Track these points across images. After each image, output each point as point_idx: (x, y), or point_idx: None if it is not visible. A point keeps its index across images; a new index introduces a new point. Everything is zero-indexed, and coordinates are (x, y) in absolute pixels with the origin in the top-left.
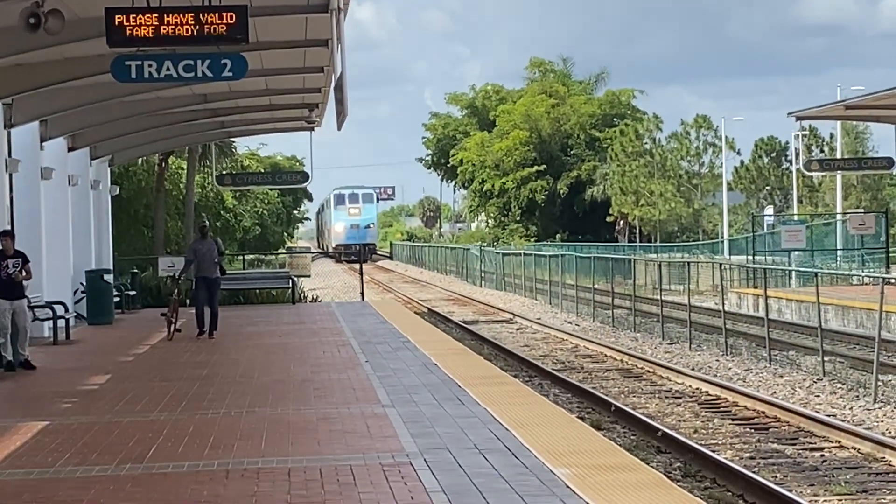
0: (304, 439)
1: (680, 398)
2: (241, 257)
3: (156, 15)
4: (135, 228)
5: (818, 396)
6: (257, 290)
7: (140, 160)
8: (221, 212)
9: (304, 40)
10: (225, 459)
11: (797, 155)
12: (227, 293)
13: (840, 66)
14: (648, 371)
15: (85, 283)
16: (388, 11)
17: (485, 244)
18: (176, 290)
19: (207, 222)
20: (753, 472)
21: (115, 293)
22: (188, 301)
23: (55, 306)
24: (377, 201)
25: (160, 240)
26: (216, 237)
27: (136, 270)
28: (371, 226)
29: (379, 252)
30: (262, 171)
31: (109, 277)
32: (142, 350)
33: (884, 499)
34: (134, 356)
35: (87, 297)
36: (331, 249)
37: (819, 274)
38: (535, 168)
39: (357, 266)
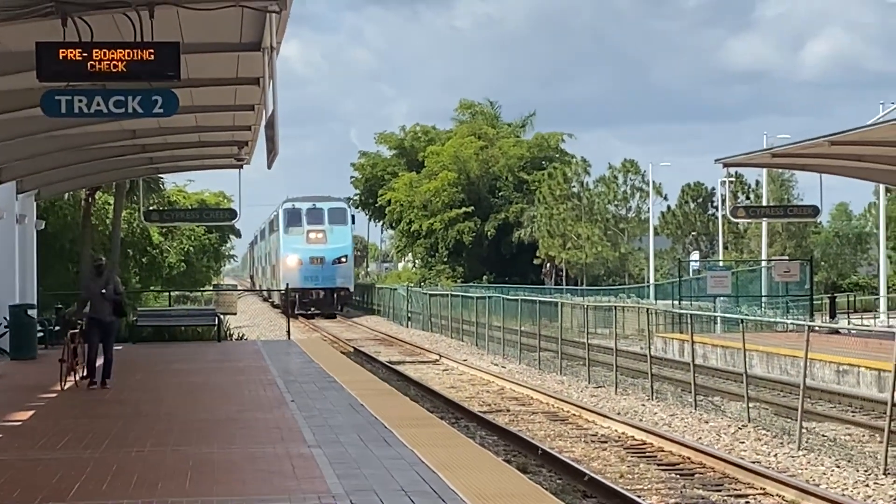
0: (229, 479)
1: (606, 442)
2: (166, 294)
3: (87, 50)
4: (60, 263)
5: (743, 443)
6: (182, 327)
7: (67, 195)
8: (148, 248)
9: (235, 78)
10: (149, 498)
11: (723, 201)
12: (151, 329)
13: (763, 114)
14: (574, 415)
15: (8, 318)
16: (314, 49)
17: (412, 284)
18: (69, 333)
19: (103, 258)
20: None
21: (39, 328)
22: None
23: None
24: (352, 221)
25: (86, 275)
26: (113, 273)
27: (60, 306)
28: (344, 259)
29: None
30: (190, 207)
31: (33, 312)
32: (66, 386)
33: None
34: (57, 392)
35: (11, 332)
36: (277, 296)
37: (744, 320)
38: (463, 209)
39: (322, 322)
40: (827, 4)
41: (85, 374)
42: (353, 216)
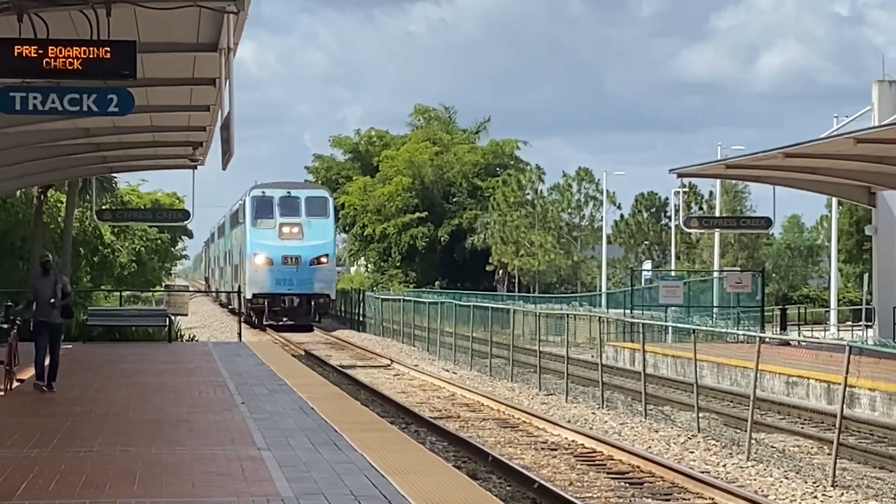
0: (178, 480)
1: (556, 450)
2: (117, 293)
3: (43, 47)
4: (10, 261)
5: (692, 452)
6: (133, 328)
7: (19, 192)
8: (99, 247)
9: (191, 78)
10: (97, 499)
11: (677, 211)
12: (102, 329)
13: (716, 125)
14: (525, 422)
15: None
16: (268, 51)
17: (364, 289)
18: (12, 333)
19: (50, 256)
20: None
21: None
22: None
23: None
24: (334, 214)
25: (33, 275)
26: (62, 274)
27: (10, 303)
28: (324, 259)
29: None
30: (143, 207)
31: None
32: (14, 384)
33: None
34: (5, 390)
35: None
36: (239, 301)
37: (696, 330)
38: (417, 214)
39: (294, 336)
40: (780, 17)
41: (21, 377)
42: (335, 207)
